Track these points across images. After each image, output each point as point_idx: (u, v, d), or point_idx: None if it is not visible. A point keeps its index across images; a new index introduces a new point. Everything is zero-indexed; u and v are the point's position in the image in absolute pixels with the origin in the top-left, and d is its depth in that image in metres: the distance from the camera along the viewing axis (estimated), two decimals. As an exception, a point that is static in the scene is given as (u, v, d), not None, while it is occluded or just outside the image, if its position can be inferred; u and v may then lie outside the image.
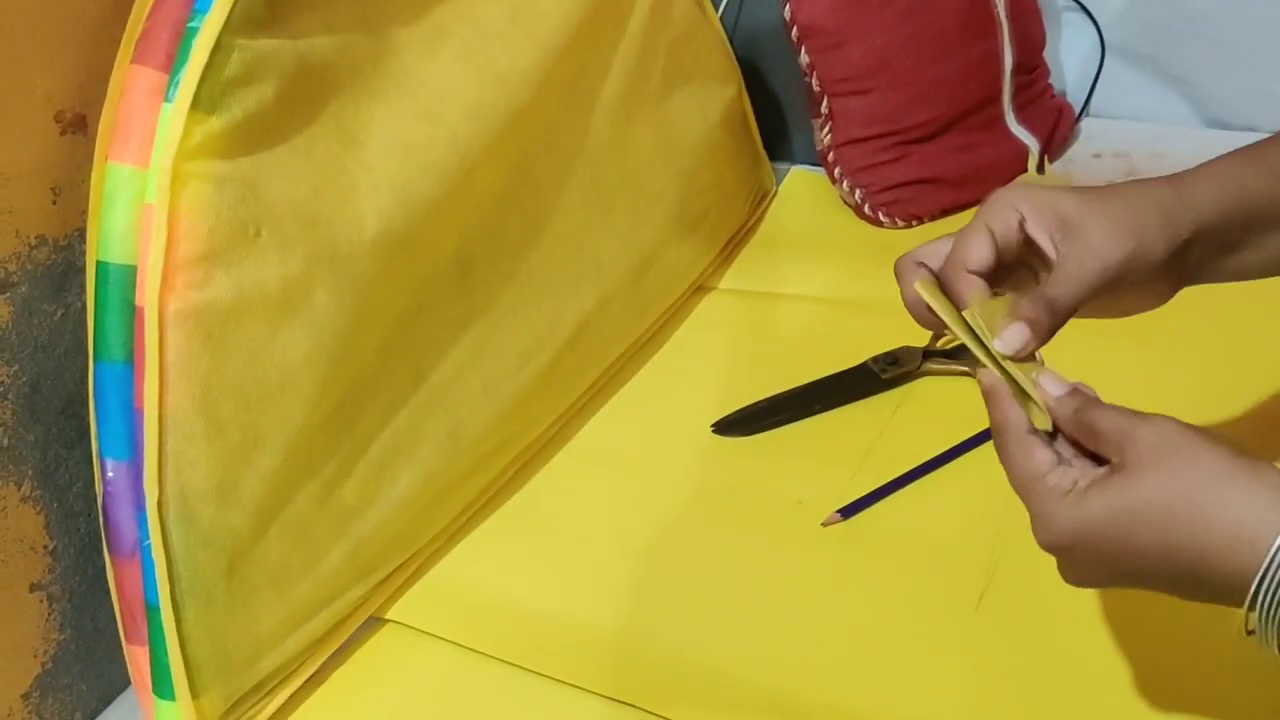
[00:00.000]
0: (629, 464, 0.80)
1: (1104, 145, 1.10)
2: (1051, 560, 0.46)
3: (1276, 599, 0.38)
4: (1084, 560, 0.43)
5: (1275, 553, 0.38)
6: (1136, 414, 0.44)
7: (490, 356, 0.74)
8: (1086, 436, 0.45)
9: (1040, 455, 0.45)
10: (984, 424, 0.49)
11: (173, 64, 0.55)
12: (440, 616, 0.70)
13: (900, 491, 0.73)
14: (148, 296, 0.54)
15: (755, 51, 1.07)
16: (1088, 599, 0.63)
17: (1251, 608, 0.39)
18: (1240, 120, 1.10)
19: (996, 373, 0.48)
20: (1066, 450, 0.46)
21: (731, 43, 1.02)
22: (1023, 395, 0.48)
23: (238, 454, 0.58)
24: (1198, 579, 0.40)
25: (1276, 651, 0.39)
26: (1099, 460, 0.45)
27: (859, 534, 0.71)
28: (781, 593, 0.68)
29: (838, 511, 0.69)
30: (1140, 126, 1.11)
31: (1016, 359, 0.48)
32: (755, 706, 0.62)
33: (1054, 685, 0.60)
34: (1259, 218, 0.52)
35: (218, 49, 0.55)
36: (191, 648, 0.58)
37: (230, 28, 0.56)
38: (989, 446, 0.50)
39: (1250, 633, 0.40)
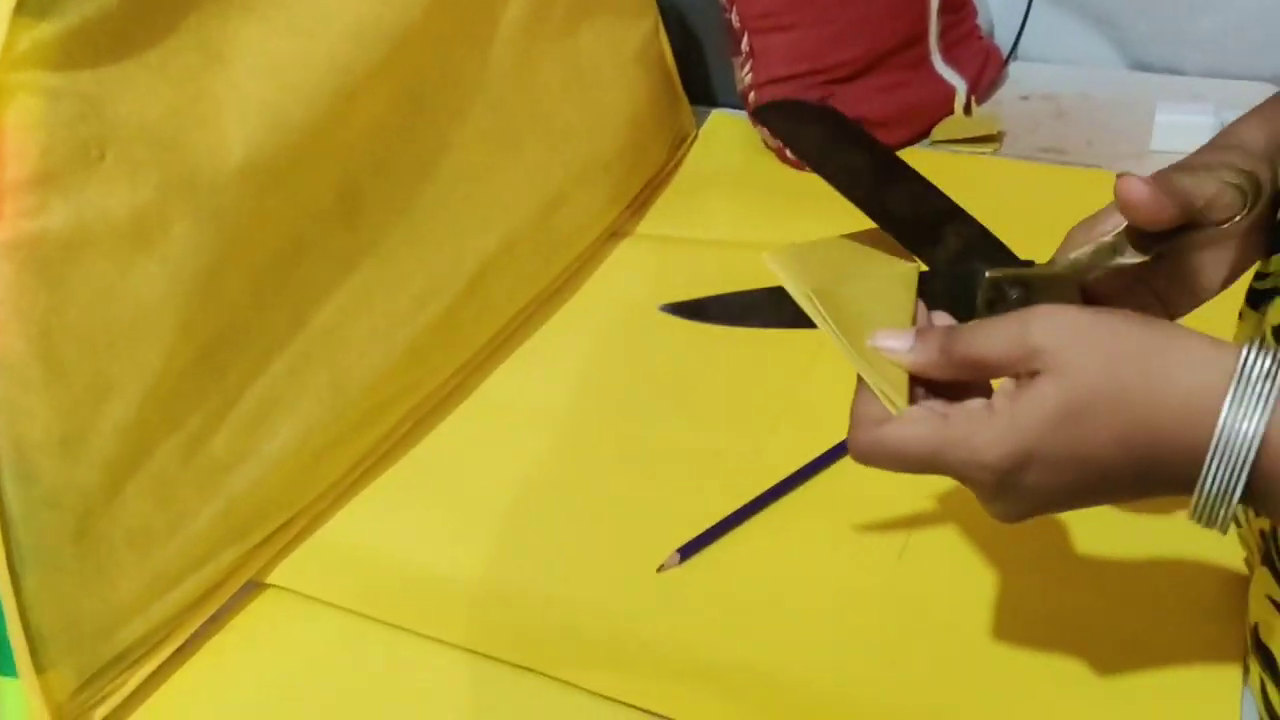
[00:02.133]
0: (535, 418, 0.75)
1: (1031, 88, 1.07)
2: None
3: (1232, 460, 0.35)
4: (1037, 479, 0.38)
5: (1226, 415, 0.35)
6: (1013, 318, 0.39)
7: (380, 300, 0.68)
8: (969, 369, 0.40)
9: (916, 415, 0.40)
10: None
11: (-4, -38, 0.49)
12: (326, 580, 0.65)
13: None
14: (-32, 224, 0.48)
15: (675, -12, 1.02)
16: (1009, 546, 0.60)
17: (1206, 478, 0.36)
18: (1165, 62, 1.08)
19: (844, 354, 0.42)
20: (940, 405, 0.41)
21: (650, -22, 0.97)
22: (879, 386, 0.41)
23: (84, 403, 0.53)
24: (1155, 462, 0.37)
25: (1223, 524, 0.36)
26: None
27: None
28: (702, 553, 0.64)
29: (676, 551, 0.63)
30: (1067, 69, 1.09)
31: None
32: (661, 669, 0.58)
33: (979, 639, 0.57)
34: None
35: (47, -56, 0.49)
36: (35, 618, 0.52)
37: (63, -79, 0.49)
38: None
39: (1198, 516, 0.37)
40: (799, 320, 0.45)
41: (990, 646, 0.57)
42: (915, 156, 0.99)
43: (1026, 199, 0.93)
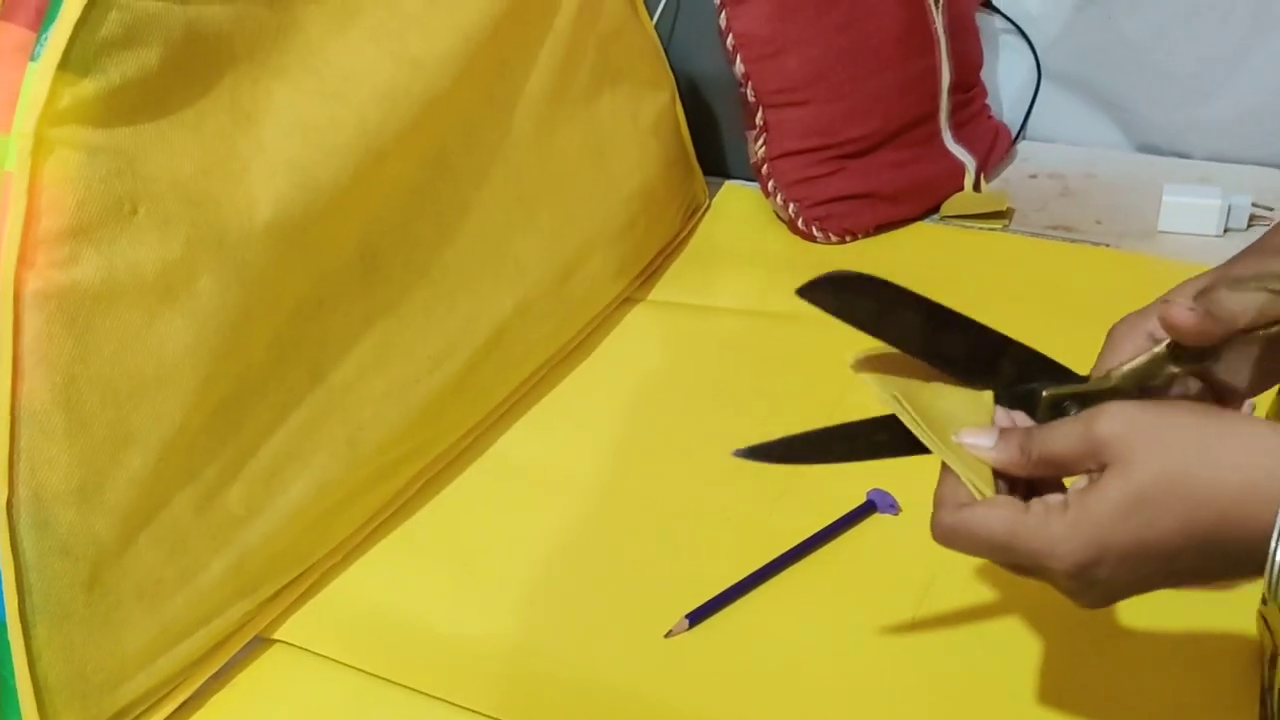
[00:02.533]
0: (546, 480, 0.75)
1: (1039, 166, 1.09)
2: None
3: None
4: (1111, 572, 0.40)
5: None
6: (1082, 417, 0.41)
7: (397, 358, 0.69)
8: (1045, 467, 0.43)
9: (995, 515, 0.42)
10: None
11: (42, 21, 0.50)
12: (334, 637, 0.64)
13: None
14: (2, 273, 0.49)
15: (691, 62, 1.05)
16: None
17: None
18: (1171, 146, 1.10)
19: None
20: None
21: (667, 53, 0.99)
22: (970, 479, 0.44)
23: (104, 453, 0.53)
24: (1221, 547, 0.38)
25: None
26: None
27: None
28: (712, 618, 0.64)
29: (685, 617, 0.63)
30: (1075, 149, 1.11)
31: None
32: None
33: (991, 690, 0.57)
34: None
35: (93, 5, 0.50)
36: (43, 668, 0.52)
37: (109, -16, 0.51)
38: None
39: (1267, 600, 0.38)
40: (873, 451, 0.48)
41: (1004, 712, 0.57)
42: (925, 231, 1.01)
43: (1035, 274, 0.94)
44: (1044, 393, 0.46)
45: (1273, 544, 0.37)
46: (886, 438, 0.47)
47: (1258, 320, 0.44)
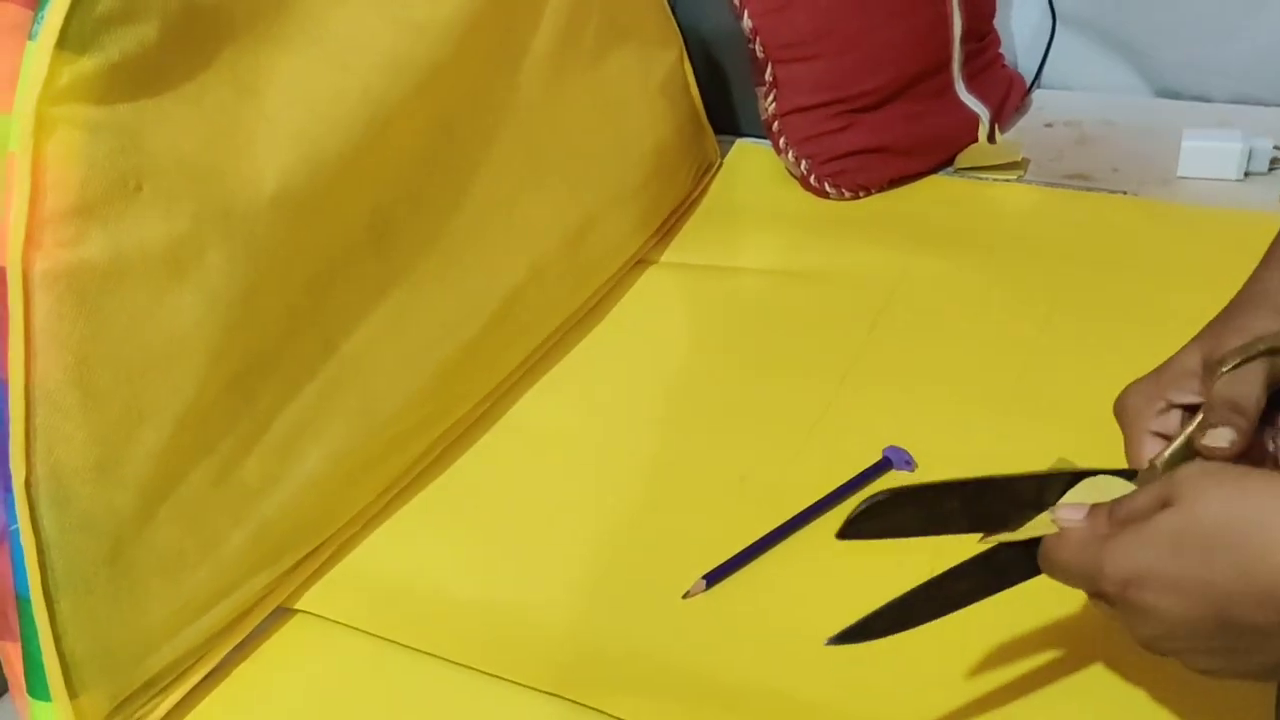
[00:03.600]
0: (562, 444, 0.75)
1: (1055, 115, 1.07)
2: None
3: None
4: (1157, 603, 0.40)
5: None
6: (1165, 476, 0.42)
7: (410, 327, 0.69)
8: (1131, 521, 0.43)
9: (1081, 531, 0.44)
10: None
11: (39, -2, 0.50)
12: (356, 606, 0.65)
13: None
14: (9, 255, 0.49)
15: (698, 19, 1.03)
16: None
17: None
18: (1191, 89, 1.08)
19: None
20: None
21: (674, 10, 0.98)
22: None
23: (119, 429, 0.53)
24: (1277, 599, 0.37)
25: None
26: None
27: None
28: (729, 579, 0.64)
29: (702, 578, 0.63)
30: (1091, 96, 1.09)
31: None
32: (687, 695, 0.57)
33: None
34: None
35: (89, -19, 0.50)
36: (69, 642, 0.53)
37: (104, -41, 0.51)
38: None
39: None
40: (956, 603, 0.49)
41: (1020, 673, 0.57)
42: (940, 185, 1.00)
43: (1053, 224, 0.93)
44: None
45: None
46: (967, 586, 0.49)
47: (1268, 391, 0.45)
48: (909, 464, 0.70)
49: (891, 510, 0.47)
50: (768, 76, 0.98)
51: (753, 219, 0.99)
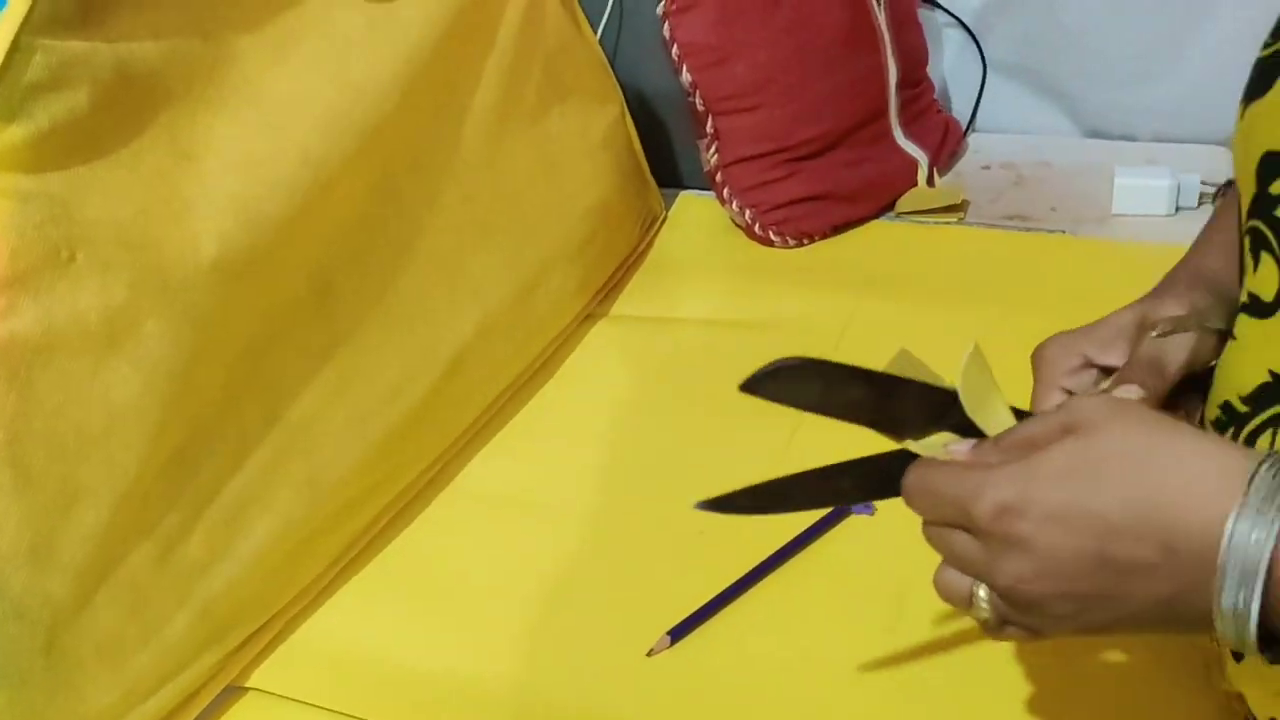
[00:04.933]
0: (515, 506, 0.74)
1: (992, 157, 1.09)
2: None
3: (1233, 605, 0.34)
4: (1035, 531, 0.37)
5: (1222, 572, 0.34)
6: (1062, 405, 0.40)
7: (356, 390, 0.67)
8: (1020, 453, 0.40)
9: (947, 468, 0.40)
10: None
11: (-35, 67, 0.49)
12: (308, 681, 0.63)
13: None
14: (-64, 329, 0.47)
15: (638, 75, 1.04)
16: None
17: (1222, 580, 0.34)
18: (1118, 129, 1.11)
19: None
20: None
21: (614, 66, 0.99)
22: None
23: (54, 510, 0.51)
24: (1169, 538, 0.35)
25: (1250, 635, 0.34)
26: None
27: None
28: (693, 633, 0.63)
29: (666, 634, 0.62)
30: (1025, 139, 1.12)
31: None
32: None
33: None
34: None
35: (15, 49, 0.49)
36: (3, 737, 0.50)
37: (31, 27, 0.50)
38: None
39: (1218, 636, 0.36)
40: (836, 497, 0.49)
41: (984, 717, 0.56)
42: (882, 229, 1.01)
43: (994, 265, 0.94)
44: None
45: (1223, 543, 0.34)
46: (850, 485, 0.47)
47: (1190, 364, 0.45)
48: (867, 508, 0.70)
49: (797, 379, 0.45)
50: (709, 129, 0.99)
51: (699, 270, 0.99)
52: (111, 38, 0.54)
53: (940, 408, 0.45)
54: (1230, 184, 0.54)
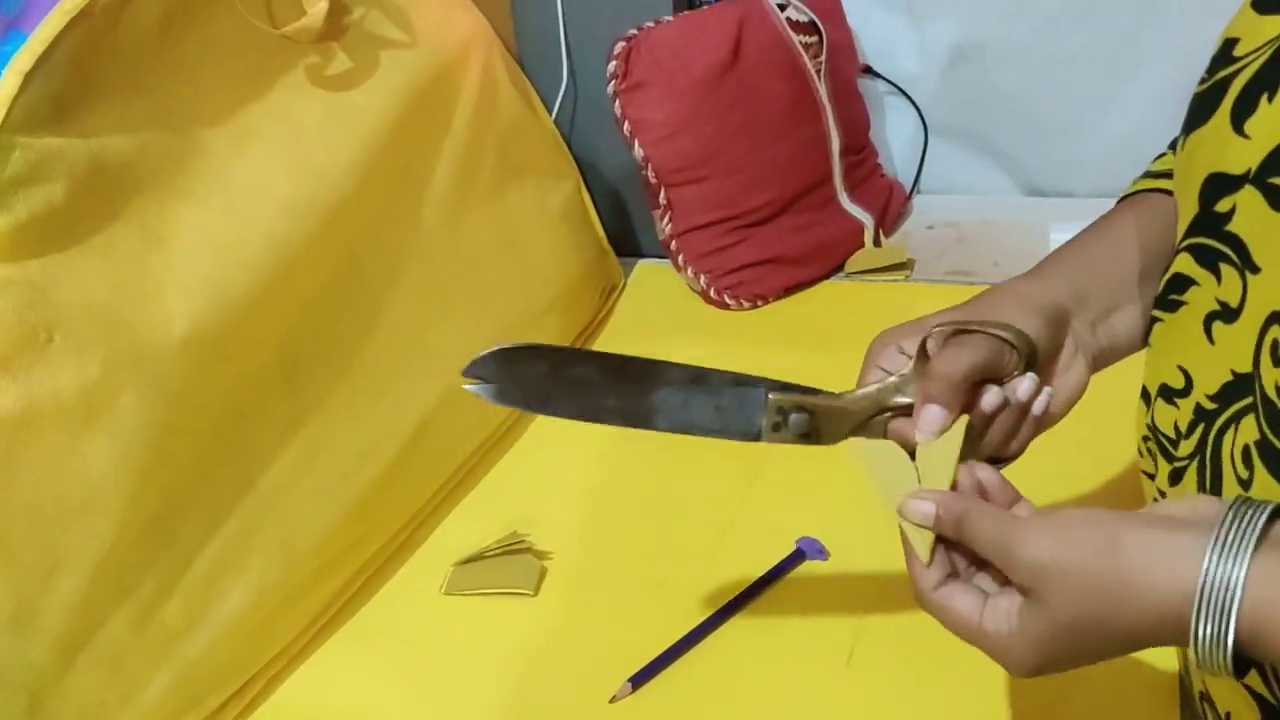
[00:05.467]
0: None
1: (935, 217, 1.14)
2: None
3: (1210, 633, 0.38)
4: (1059, 663, 0.43)
5: (1199, 598, 0.38)
6: (1006, 527, 0.43)
7: (325, 458, 0.70)
8: (969, 542, 0.45)
9: (962, 604, 0.45)
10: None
11: (-53, 166, 0.52)
12: (285, 744, 0.65)
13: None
14: (-79, 410, 0.50)
15: (594, 149, 1.09)
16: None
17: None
18: (1055, 186, 1.16)
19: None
20: (963, 563, 0.46)
21: (570, 143, 1.04)
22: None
23: (34, 579, 0.54)
24: (1156, 638, 0.40)
25: (1226, 660, 0.38)
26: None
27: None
28: (654, 679, 0.65)
29: (628, 681, 0.64)
30: (967, 199, 1.17)
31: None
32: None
33: None
34: (1109, 293, 0.55)
35: (-4, 147, 0.53)
36: (-13, 802, 0.52)
37: (10, 126, 0.54)
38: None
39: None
40: (597, 415, 0.49)
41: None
42: (833, 289, 1.05)
43: (939, 318, 0.98)
44: (770, 395, 0.49)
45: (1200, 577, 0.38)
46: (614, 404, 0.48)
47: (974, 373, 0.48)
48: (822, 553, 0.73)
49: (521, 359, 0.47)
50: (662, 200, 1.04)
51: (658, 334, 1.03)
52: (85, 133, 0.58)
53: (675, 380, 0.48)
54: None
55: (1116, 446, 0.71)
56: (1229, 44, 0.46)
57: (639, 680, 0.64)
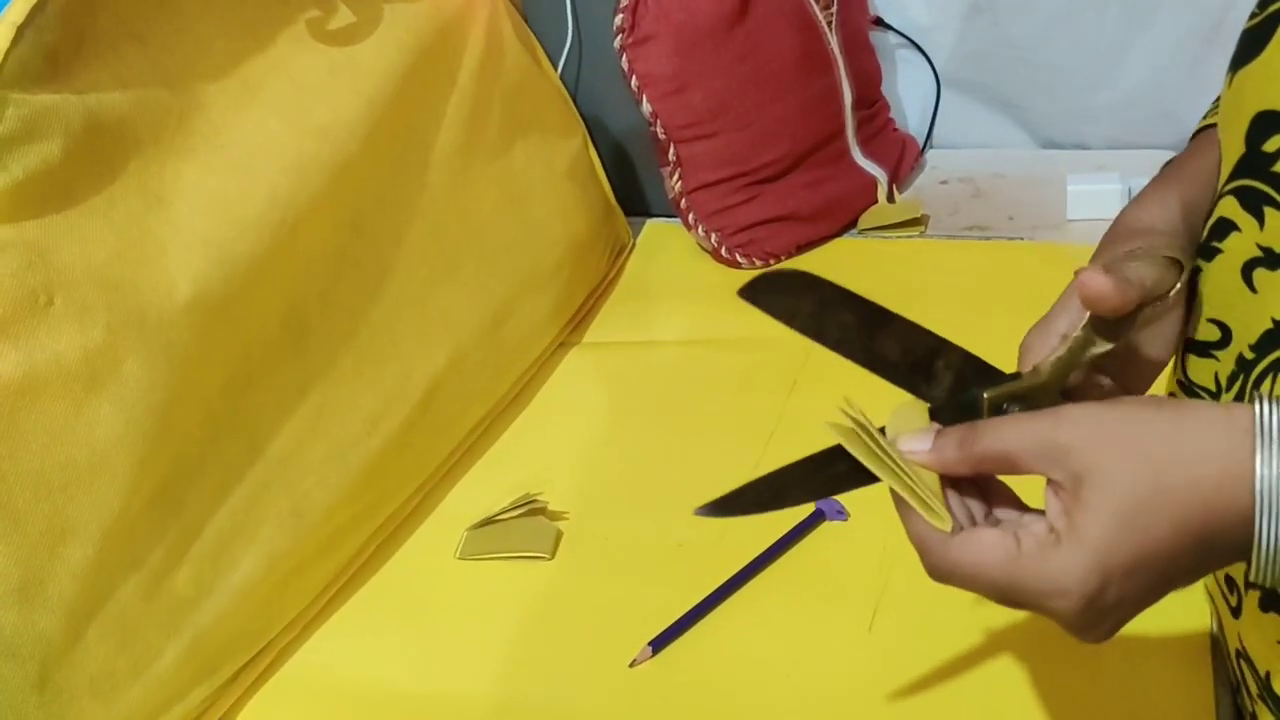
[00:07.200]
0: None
1: (949, 172, 1.12)
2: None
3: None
4: (1119, 593, 0.38)
5: (1262, 484, 0.36)
6: (1041, 418, 0.40)
7: (333, 424, 0.69)
8: (992, 464, 0.41)
9: (988, 540, 0.39)
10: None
11: (-60, 123, 0.50)
12: (300, 713, 0.64)
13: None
14: (-81, 376, 0.49)
15: (601, 106, 1.07)
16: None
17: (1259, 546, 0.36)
18: (1070, 139, 1.14)
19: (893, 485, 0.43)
20: (979, 508, 0.42)
21: (576, 100, 1.01)
22: (916, 500, 0.42)
23: (41, 548, 0.52)
24: (1212, 538, 0.37)
25: None
26: (1013, 500, 0.42)
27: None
28: (675, 643, 0.64)
29: (648, 644, 0.63)
30: (981, 153, 1.15)
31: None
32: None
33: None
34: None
35: (-12, 104, 0.51)
36: (-1, 775, 0.51)
37: (3, 82, 0.52)
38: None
39: (1254, 584, 0.37)
40: (833, 486, 0.47)
41: (964, 715, 0.58)
42: (846, 246, 1.03)
43: (955, 274, 0.96)
44: (985, 395, 0.45)
45: (1257, 526, 0.36)
46: (845, 468, 0.46)
47: (1158, 288, 0.45)
48: (841, 514, 0.71)
49: (794, 290, 0.46)
50: (671, 156, 1.01)
51: (669, 294, 1.01)
52: (80, 89, 0.56)
53: (927, 353, 0.46)
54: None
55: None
56: None
57: (659, 644, 0.63)
